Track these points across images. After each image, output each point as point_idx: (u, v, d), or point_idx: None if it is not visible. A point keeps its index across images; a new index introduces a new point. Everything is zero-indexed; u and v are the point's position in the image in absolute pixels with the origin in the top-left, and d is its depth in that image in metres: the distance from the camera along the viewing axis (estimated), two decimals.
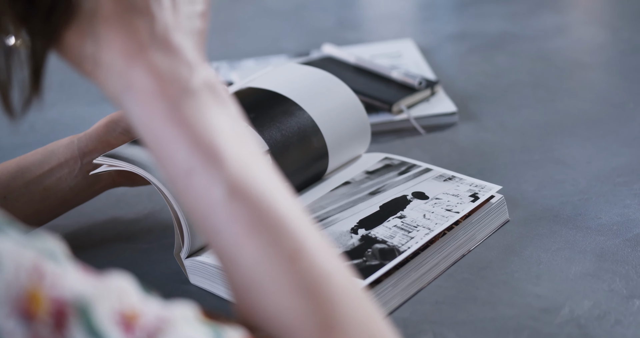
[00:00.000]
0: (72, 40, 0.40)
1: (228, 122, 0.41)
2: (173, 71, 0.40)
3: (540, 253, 0.69)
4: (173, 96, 0.40)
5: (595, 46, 1.15)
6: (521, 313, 0.62)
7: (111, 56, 0.40)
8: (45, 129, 1.04)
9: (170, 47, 0.41)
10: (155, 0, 0.41)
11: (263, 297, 0.40)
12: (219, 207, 0.39)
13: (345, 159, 0.79)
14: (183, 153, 0.40)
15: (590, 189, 0.78)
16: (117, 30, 0.40)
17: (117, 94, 0.41)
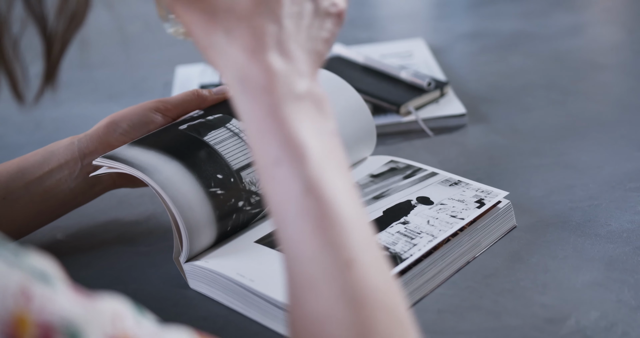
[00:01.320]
0: (206, 30, 0.45)
1: (321, 131, 0.45)
2: (286, 75, 0.45)
3: (547, 260, 0.67)
4: (280, 95, 0.44)
5: (610, 46, 1.12)
6: (526, 324, 0.60)
7: (236, 49, 0.44)
8: (51, 128, 1.04)
9: (289, 55, 0.45)
10: (289, 16, 0.46)
11: (313, 297, 0.41)
12: (294, 199, 0.42)
13: (350, 162, 0.78)
14: (275, 144, 0.43)
15: (600, 195, 0.76)
16: (247, 29, 0.44)
17: (232, 82, 0.45)
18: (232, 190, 0.67)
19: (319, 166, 0.43)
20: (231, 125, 0.71)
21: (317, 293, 0.41)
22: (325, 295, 0.41)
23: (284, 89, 0.44)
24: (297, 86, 0.45)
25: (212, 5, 0.44)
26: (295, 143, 0.43)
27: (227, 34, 0.45)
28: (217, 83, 1.08)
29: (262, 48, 0.45)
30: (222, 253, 0.67)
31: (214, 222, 0.66)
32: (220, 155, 0.68)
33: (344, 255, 0.42)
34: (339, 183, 0.44)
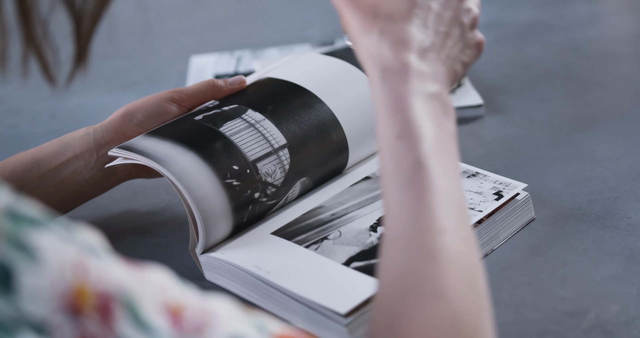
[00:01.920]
0: (364, 28, 0.52)
1: (441, 127, 0.50)
2: (421, 74, 0.51)
3: (567, 253, 0.66)
4: (413, 87, 0.50)
5: (629, 36, 1.11)
6: (545, 317, 0.60)
7: (385, 45, 0.51)
8: (67, 118, 1.03)
9: (428, 62, 0.52)
10: (437, 33, 0.53)
11: (402, 253, 0.45)
12: (405, 169, 0.48)
13: (366, 153, 0.77)
14: (400, 122, 0.49)
15: (620, 187, 0.75)
16: (400, 32, 0.51)
17: (373, 71, 0.51)
18: (248, 181, 0.66)
19: (432, 148, 0.48)
20: (247, 116, 0.71)
21: (407, 250, 0.46)
22: (414, 252, 0.45)
23: (418, 84, 0.50)
24: (429, 87, 0.51)
25: (376, 10, 0.52)
26: (417, 124, 0.49)
27: (381, 33, 0.52)
28: (231, 73, 1.07)
29: (407, 48, 0.51)
30: (238, 244, 0.66)
31: (229, 213, 0.65)
32: (236, 146, 0.67)
33: (438, 222, 0.46)
34: (446, 166, 0.49)
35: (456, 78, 0.55)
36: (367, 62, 0.52)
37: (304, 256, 0.64)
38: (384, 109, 0.50)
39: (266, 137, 0.69)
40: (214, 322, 0.36)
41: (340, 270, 0.62)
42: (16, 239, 0.33)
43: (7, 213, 0.34)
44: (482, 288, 0.47)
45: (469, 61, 0.55)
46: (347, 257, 0.63)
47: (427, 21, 0.52)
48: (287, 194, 0.70)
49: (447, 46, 0.53)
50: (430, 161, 0.48)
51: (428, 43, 0.52)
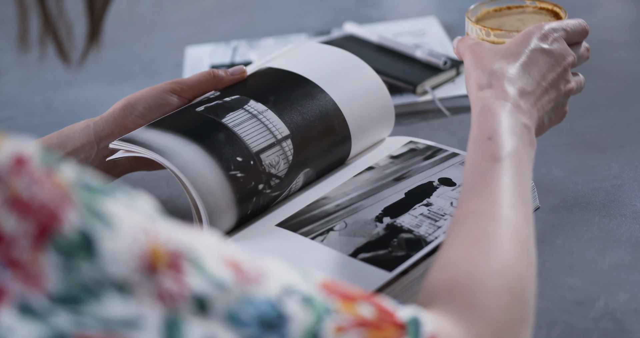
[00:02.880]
0: (478, 65, 0.62)
1: (522, 143, 0.57)
2: (518, 106, 0.59)
3: (573, 242, 0.66)
4: (509, 111, 0.58)
5: (626, 23, 1.10)
6: (554, 307, 0.60)
7: (494, 80, 0.60)
8: (63, 110, 1.02)
9: (525, 101, 0.60)
10: (540, 85, 0.61)
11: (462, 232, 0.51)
12: (484, 162, 0.55)
13: (369, 143, 0.77)
14: (493, 130, 0.57)
15: (623, 175, 0.75)
16: (507, 71, 0.61)
17: (476, 97, 0.60)
18: (252, 173, 0.66)
19: (513, 153, 0.55)
20: (249, 107, 0.70)
21: (467, 229, 0.51)
22: (472, 234, 0.50)
23: (514, 111, 0.58)
24: (522, 118, 0.58)
25: (494, 54, 0.62)
26: (506, 135, 0.56)
27: (492, 71, 0.61)
28: (228, 63, 1.06)
29: (511, 84, 0.60)
30: (244, 237, 0.66)
31: (234, 205, 0.65)
32: (239, 137, 0.67)
33: (496, 212, 0.51)
34: (521, 170, 0.55)
35: (542, 130, 0.62)
36: (473, 90, 0.61)
37: (310, 247, 0.63)
38: (481, 118, 0.58)
39: (269, 128, 0.68)
40: (267, 273, 0.40)
41: (348, 261, 0.61)
42: (92, 208, 0.36)
43: (81, 184, 0.37)
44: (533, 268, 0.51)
45: (554, 120, 0.63)
46: (353, 248, 0.62)
47: (533, 71, 0.61)
48: (291, 186, 0.70)
49: (544, 99, 0.61)
50: (505, 162, 0.54)
51: (530, 88, 0.60)
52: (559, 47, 0.63)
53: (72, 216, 0.35)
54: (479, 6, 0.75)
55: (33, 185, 0.35)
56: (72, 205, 0.35)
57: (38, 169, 0.36)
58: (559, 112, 0.63)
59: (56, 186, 0.36)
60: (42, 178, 0.36)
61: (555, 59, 0.62)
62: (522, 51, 0.62)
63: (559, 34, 0.63)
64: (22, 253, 0.34)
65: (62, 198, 0.35)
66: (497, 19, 0.75)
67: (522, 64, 0.61)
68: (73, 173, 0.37)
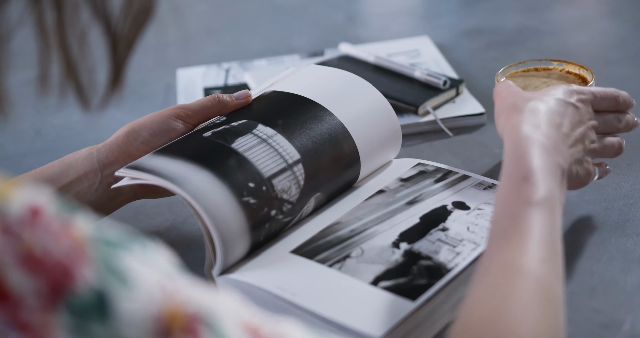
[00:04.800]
0: (509, 119, 0.61)
1: (558, 192, 0.56)
2: (555, 147, 0.58)
3: (592, 263, 0.65)
4: (547, 148, 0.57)
5: (618, 40, 1.11)
6: (580, 331, 0.59)
7: (523, 129, 0.59)
8: (52, 136, 1.00)
9: (563, 143, 0.60)
10: (572, 134, 0.61)
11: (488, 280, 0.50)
12: (517, 205, 0.53)
13: (377, 165, 0.76)
14: (528, 169, 0.55)
15: (634, 193, 0.74)
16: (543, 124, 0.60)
17: (514, 136, 0.59)
18: (265, 199, 0.64)
19: (544, 205, 0.53)
20: (258, 131, 0.68)
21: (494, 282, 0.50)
22: (499, 289, 0.49)
23: (551, 150, 0.57)
24: (557, 158, 0.57)
25: (519, 107, 0.61)
26: (542, 175, 0.55)
27: (527, 109, 0.60)
28: (222, 86, 1.05)
29: (551, 125, 0.60)
30: (257, 264, 0.64)
31: (247, 232, 0.63)
32: (250, 163, 0.65)
33: (526, 264, 0.49)
34: (548, 225, 0.53)
35: (570, 181, 0.61)
36: (508, 123, 0.60)
37: (329, 275, 0.62)
38: (516, 153, 0.56)
39: (279, 152, 0.67)
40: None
41: (369, 290, 0.60)
42: (110, 264, 0.34)
43: (98, 238, 0.34)
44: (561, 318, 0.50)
45: (581, 175, 0.62)
46: (373, 276, 0.61)
47: (564, 118, 0.61)
48: (302, 211, 0.68)
49: (576, 148, 0.61)
50: (543, 207, 0.53)
51: (565, 130, 0.60)
52: (584, 107, 0.64)
53: (87, 274, 0.33)
54: (508, 68, 0.78)
55: (48, 239, 0.33)
56: (89, 261, 0.33)
57: (54, 222, 0.33)
58: (585, 168, 0.63)
59: (73, 240, 0.33)
60: (57, 231, 0.33)
61: (581, 116, 0.63)
62: (554, 96, 0.63)
63: (586, 96, 0.65)
64: (32, 314, 0.32)
65: (78, 253, 0.33)
66: (524, 79, 0.77)
67: (556, 108, 0.61)
68: (90, 224, 0.35)
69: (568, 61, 0.79)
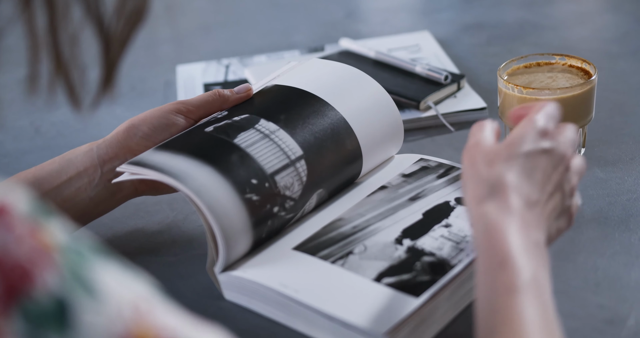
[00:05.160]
0: (474, 172, 0.54)
1: (540, 273, 0.50)
2: (526, 220, 0.52)
3: (596, 258, 0.65)
4: (519, 227, 0.51)
5: (619, 34, 1.11)
6: (584, 326, 0.58)
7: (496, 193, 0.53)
8: (52, 133, 0.99)
9: (533, 213, 0.52)
10: (545, 191, 0.54)
11: None
12: (500, 296, 0.48)
13: (379, 160, 0.75)
14: (503, 253, 0.50)
15: (638, 188, 0.74)
16: (509, 179, 0.53)
17: (479, 211, 0.53)
18: (267, 195, 0.64)
19: (529, 290, 0.48)
20: (260, 126, 0.68)
21: None
22: None
23: (523, 226, 0.51)
24: (532, 233, 0.51)
25: (493, 160, 0.54)
26: (519, 258, 0.49)
27: (491, 184, 0.53)
28: (221, 82, 1.04)
29: (516, 194, 0.52)
30: (260, 261, 0.64)
31: (249, 229, 0.63)
32: (253, 159, 0.65)
33: None
34: (540, 310, 0.48)
35: (550, 242, 0.55)
36: (472, 204, 0.53)
37: (332, 272, 0.61)
38: (488, 240, 0.50)
39: (282, 148, 0.66)
40: None
41: (372, 286, 0.59)
42: (77, 272, 0.32)
43: (70, 247, 0.32)
44: None
45: (562, 228, 0.56)
46: (376, 273, 0.61)
47: (536, 175, 0.53)
48: (304, 207, 0.68)
49: (549, 206, 0.54)
50: (529, 292, 0.48)
51: (535, 196, 0.53)
52: (558, 143, 0.55)
53: (49, 279, 0.31)
54: (509, 63, 0.77)
55: (9, 239, 0.31)
56: (53, 266, 0.31)
57: (21, 222, 0.32)
58: (566, 218, 0.57)
59: (38, 243, 0.31)
60: (23, 232, 0.31)
61: (558, 158, 0.55)
62: (521, 152, 0.54)
63: (554, 125, 0.57)
64: None
65: (42, 257, 0.31)
66: (528, 75, 0.77)
67: (524, 168, 0.53)
68: (64, 232, 0.33)
69: (570, 55, 0.79)
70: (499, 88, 0.77)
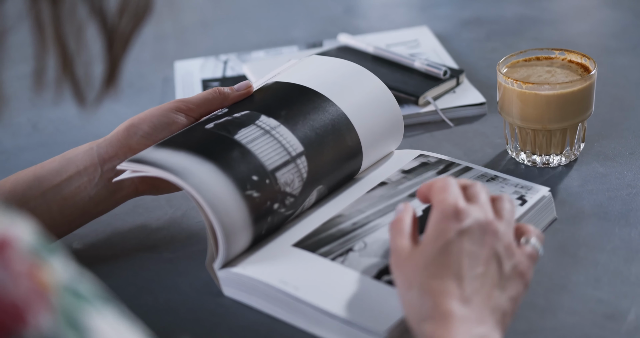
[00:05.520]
0: (405, 286, 0.53)
1: None
2: (465, 319, 0.50)
3: (596, 253, 0.65)
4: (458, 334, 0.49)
5: (618, 29, 1.10)
6: (584, 321, 0.58)
7: (427, 300, 0.52)
8: (50, 129, 0.99)
9: (471, 307, 0.51)
10: (476, 276, 0.52)
11: None
12: None
13: (379, 156, 0.75)
14: None
15: (637, 182, 0.74)
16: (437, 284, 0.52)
17: (417, 325, 0.51)
18: (268, 192, 0.64)
19: None
20: (261, 122, 0.67)
21: None
22: None
23: (462, 330, 0.49)
24: (474, 330, 0.49)
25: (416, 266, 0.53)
26: None
27: (421, 287, 0.52)
28: (220, 78, 1.04)
29: (448, 297, 0.51)
30: (260, 258, 0.63)
31: (249, 226, 0.62)
32: (253, 155, 0.64)
33: None
34: None
35: (505, 315, 0.52)
36: (412, 318, 0.52)
37: (332, 269, 0.61)
38: None
39: (283, 144, 0.66)
40: None
41: (372, 284, 0.59)
42: (72, 316, 0.31)
43: (68, 287, 0.32)
44: None
45: (515, 293, 0.53)
46: (377, 270, 0.60)
47: (463, 265, 0.52)
48: (304, 203, 0.67)
49: (487, 285, 0.52)
50: None
51: (469, 288, 0.51)
52: (474, 215, 0.54)
53: (42, 322, 0.30)
54: (509, 58, 0.77)
55: (7, 277, 0.30)
56: (48, 309, 0.30)
57: (20, 259, 0.31)
58: (517, 280, 0.54)
59: (36, 283, 0.31)
60: (21, 270, 0.30)
61: (480, 231, 0.53)
62: (441, 248, 0.52)
63: (461, 200, 0.55)
64: None
65: (38, 298, 0.30)
66: (527, 69, 0.76)
67: (449, 264, 0.52)
68: (64, 272, 0.32)
69: (570, 50, 0.79)
70: (498, 83, 0.77)
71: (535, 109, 0.74)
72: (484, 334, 0.50)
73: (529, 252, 0.55)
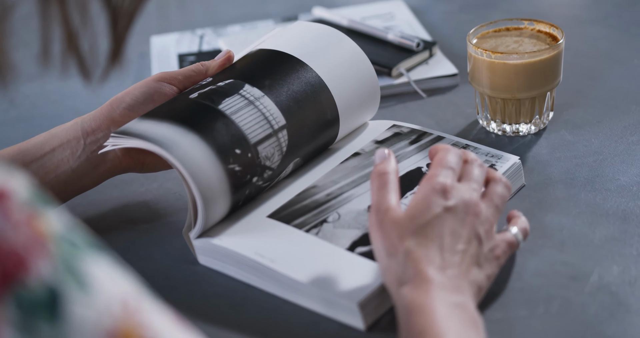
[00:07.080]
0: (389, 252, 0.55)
1: (465, 334, 0.50)
2: (444, 286, 0.52)
3: (562, 218, 0.67)
4: (436, 296, 0.52)
5: (590, 1, 1.12)
6: (550, 283, 0.60)
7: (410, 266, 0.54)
8: (26, 105, 0.99)
9: (449, 276, 0.53)
10: (456, 251, 0.55)
11: None
12: None
13: (354, 126, 0.76)
14: (424, 322, 0.51)
15: (604, 150, 0.76)
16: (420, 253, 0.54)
17: (396, 289, 0.54)
18: (249, 166, 0.64)
19: None
20: (245, 92, 0.67)
21: None
22: None
23: (441, 294, 0.52)
24: (452, 298, 0.52)
25: (401, 234, 0.55)
26: (440, 324, 0.50)
27: (406, 255, 0.54)
28: (195, 52, 1.04)
29: (428, 265, 0.53)
30: (236, 230, 0.64)
31: (228, 198, 0.63)
32: (237, 127, 0.64)
33: None
34: None
35: (481, 290, 0.55)
36: (392, 282, 0.54)
37: (306, 241, 0.62)
38: (410, 321, 0.51)
39: (267, 117, 0.66)
40: None
41: (346, 256, 0.60)
42: (70, 264, 0.32)
43: (64, 238, 0.33)
44: None
45: (491, 273, 0.56)
46: (350, 242, 0.62)
47: (445, 238, 0.55)
48: (280, 175, 0.68)
49: (467, 261, 0.55)
50: None
51: (449, 259, 0.54)
52: (460, 195, 0.56)
53: (43, 268, 0.31)
54: (479, 28, 0.78)
55: (7, 225, 0.31)
56: (47, 256, 0.31)
57: (19, 209, 0.32)
58: (493, 262, 0.57)
59: (34, 232, 0.32)
60: (20, 219, 0.31)
61: (463, 210, 0.56)
62: (424, 222, 0.55)
63: (453, 176, 0.57)
64: None
65: (37, 246, 0.31)
66: (496, 39, 0.78)
67: (430, 237, 0.54)
68: (60, 223, 0.33)
69: (539, 20, 0.80)
70: (468, 53, 0.78)
71: (504, 78, 0.75)
72: (462, 302, 0.52)
73: (509, 239, 0.59)
